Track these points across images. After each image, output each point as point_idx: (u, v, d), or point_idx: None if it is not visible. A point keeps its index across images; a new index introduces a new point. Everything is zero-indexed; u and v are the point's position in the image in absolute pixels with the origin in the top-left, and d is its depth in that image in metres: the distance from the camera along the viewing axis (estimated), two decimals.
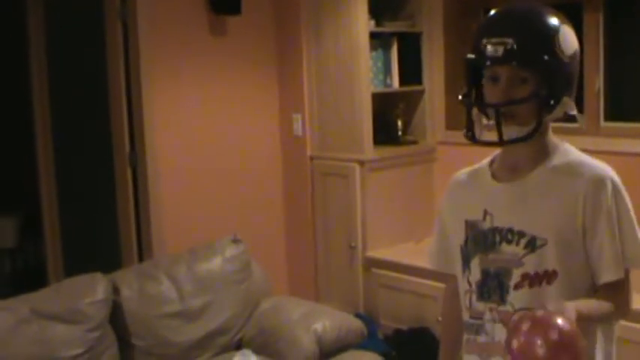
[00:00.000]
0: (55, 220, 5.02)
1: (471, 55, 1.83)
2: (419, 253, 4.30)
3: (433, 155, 4.69)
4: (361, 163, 4.37)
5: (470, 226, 1.93)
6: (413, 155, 4.64)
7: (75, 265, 4.93)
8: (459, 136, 4.44)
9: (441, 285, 3.88)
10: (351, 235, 4.44)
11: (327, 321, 3.57)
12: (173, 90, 4.34)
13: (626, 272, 1.82)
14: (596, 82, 4.00)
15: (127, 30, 4.24)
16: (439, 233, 2.10)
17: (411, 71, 4.63)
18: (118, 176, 4.35)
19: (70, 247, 5.00)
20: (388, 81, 4.56)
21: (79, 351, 3.16)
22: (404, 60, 4.59)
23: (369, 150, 4.38)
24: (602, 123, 4.09)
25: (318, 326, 3.51)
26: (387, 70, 4.55)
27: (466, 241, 1.94)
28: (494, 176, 1.93)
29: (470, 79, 1.87)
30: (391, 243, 4.48)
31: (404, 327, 4.14)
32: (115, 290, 3.34)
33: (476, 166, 2.03)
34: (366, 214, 4.40)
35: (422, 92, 4.67)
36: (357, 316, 4.10)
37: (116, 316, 3.32)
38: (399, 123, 4.66)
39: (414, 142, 4.67)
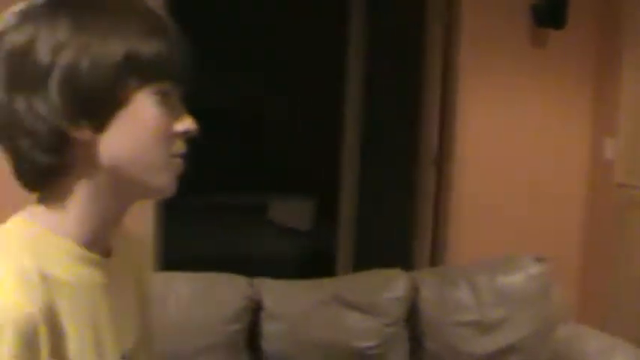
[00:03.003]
0: (352, 210, 5.14)
1: None
2: None
3: None
4: None
5: None
6: None
7: (364, 256, 5.03)
8: None
9: None
10: None
11: None
12: (488, 98, 4.28)
13: None
14: None
15: (448, 33, 4.23)
16: None
17: None
18: (421, 178, 4.36)
19: (362, 237, 5.10)
20: None
21: (373, 343, 3.18)
22: None
23: None
24: None
25: None
26: None
27: None
28: None
29: None
30: None
31: None
32: (415, 289, 3.32)
33: None
34: None
35: None
36: None
37: (412, 315, 3.31)
38: None
39: None
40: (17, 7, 1.08)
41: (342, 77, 5.19)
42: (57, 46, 1.03)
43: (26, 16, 1.06)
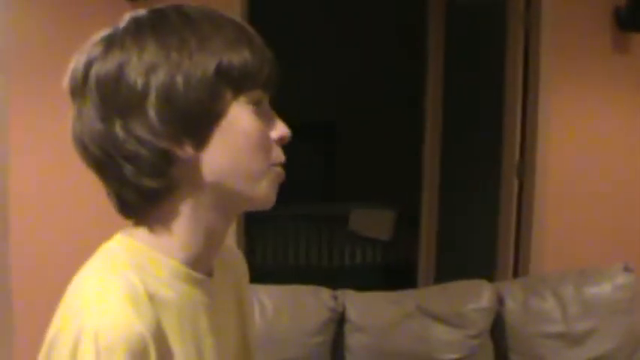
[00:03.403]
0: (433, 220, 5.11)
1: None
2: None
3: None
4: None
5: None
6: None
7: (446, 266, 4.99)
8: None
9: None
10: None
11: None
12: (570, 103, 4.19)
13: None
14: None
15: (529, 36, 4.18)
16: None
17: None
18: (503, 185, 4.31)
19: (443, 247, 5.06)
20: None
21: (457, 356, 3.15)
22: None
23: None
24: None
25: None
26: None
27: None
28: None
29: None
30: None
31: None
32: (499, 300, 3.29)
33: None
34: None
35: None
36: None
37: (497, 327, 3.27)
38: None
39: None
40: (99, 35, 1.10)
41: (422, 84, 5.17)
42: (148, 68, 1.05)
43: (111, 43, 1.07)
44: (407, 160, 5.89)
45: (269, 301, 3.10)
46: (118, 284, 1.04)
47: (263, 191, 1.13)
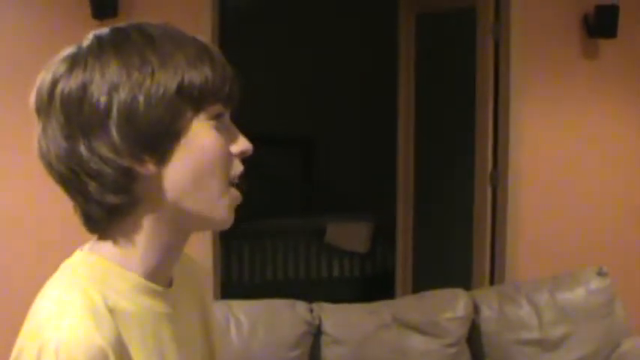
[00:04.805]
0: (409, 231, 5.11)
1: None
2: None
3: None
4: None
5: None
6: None
7: (423, 277, 4.99)
8: None
9: None
10: None
11: None
12: (541, 111, 4.23)
13: None
14: None
15: (499, 47, 4.21)
16: None
17: None
18: (477, 195, 4.33)
19: (420, 258, 5.07)
20: None
21: None
22: None
23: None
24: None
25: None
26: None
27: None
28: None
29: None
30: None
31: None
32: (475, 309, 3.30)
33: None
34: None
35: None
36: None
37: (473, 335, 3.28)
38: None
39: None
40: (63, 53, 1.10)
41: (395, 96, 5.19)
42: (111, 87, 1.05)
43: (74, 62, 1.08)
44: (382, 172, 5.91)
45: (244, 316, 3.09)
46: (78, 299, 1.05)
47: (221, 212, 1.14)
